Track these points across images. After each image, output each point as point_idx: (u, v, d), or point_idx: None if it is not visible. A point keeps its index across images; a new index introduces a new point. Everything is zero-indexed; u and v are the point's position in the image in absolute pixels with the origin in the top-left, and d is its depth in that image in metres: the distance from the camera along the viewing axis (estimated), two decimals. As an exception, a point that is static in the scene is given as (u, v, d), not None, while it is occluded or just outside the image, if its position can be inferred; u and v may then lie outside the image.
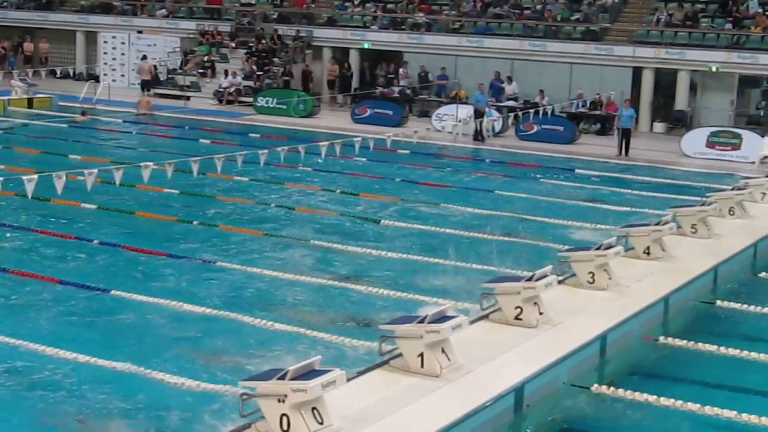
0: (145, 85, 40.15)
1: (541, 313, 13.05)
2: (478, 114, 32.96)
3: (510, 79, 37.85)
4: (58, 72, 45.89)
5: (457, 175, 27.19)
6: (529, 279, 13.04)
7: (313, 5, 44.25)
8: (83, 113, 34.31)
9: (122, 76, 43.24)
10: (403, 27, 41.39)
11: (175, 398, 11.28)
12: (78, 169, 17.64)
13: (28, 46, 47.82)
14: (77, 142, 29.17)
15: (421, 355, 11.11)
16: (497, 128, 34.64)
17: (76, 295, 15.07)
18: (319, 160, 23.96)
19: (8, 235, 18.48)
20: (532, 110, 32.51)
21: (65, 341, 12.83)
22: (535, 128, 33.59)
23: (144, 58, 41.47)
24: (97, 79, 42.13)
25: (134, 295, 14.93)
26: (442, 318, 11.28)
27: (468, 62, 39.80)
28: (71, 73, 46.16)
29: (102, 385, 11.55)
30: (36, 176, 16.12)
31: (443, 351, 11.20)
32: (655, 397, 11.51)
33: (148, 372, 11.79)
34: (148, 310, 14.44)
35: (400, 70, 40.39)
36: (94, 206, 20.45)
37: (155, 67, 41.12)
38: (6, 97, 37.37)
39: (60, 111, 36.09)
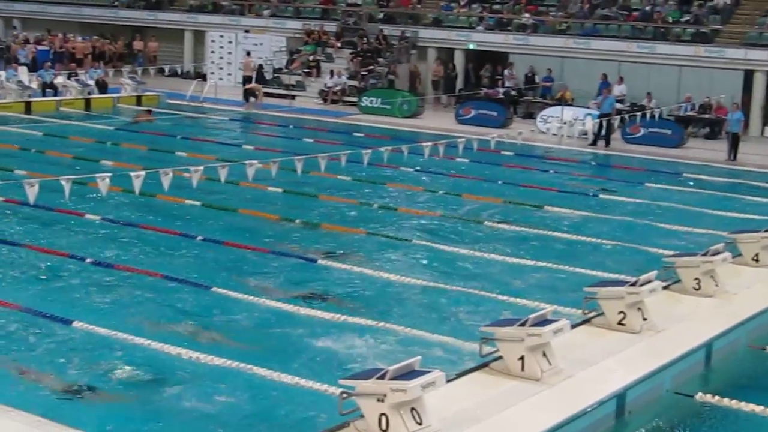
0: (248, 81, 40.48)
1: (645, 319, 12.82)
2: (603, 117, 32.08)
3: (621, 80, 37.23)
4: (167, 70, 46.63)
5: (562, 178, 26.90)
6: (633, 284, 12.82)
7: (419, 6, 44.22)
8: (149, 111, 34.79)
9: (229, 74, 43.69)
10: (509, 28, 41.11)
11: (276, 394, 11.32)
12: (184, 166, 17.86)
13: (138, 45, 48.68)
14: (185, 139, 29.56)
15: (522, 358, 10.99)
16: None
17: (180, 290, 15.25)
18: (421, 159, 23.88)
19: (115, 230, 18.78)
20: (639, 113, 31.99)
21: (169, 337, 12.99)
22: (642, 131, 33.07)
23: (248, 54, 41.83)
24: (204, 77, 42.69)
25: (235, 293, 15.04)
26: (543, 321, 11.13)
27: (574, 64, 39.40)
28: (179, 72, 46.88)
29: (204, 380, 11.66)
30: (143, 173, 16.36)
31: (544, 355, 11.06)
32: (762, 407, 11.20)
33: (248, 368, 11.84)
34: (249, 308, 14.53)
35: (506, 72, 40.14)
36: (198, 203, 20.67)
37: (261, 66, 41.44)
38: (116, 95, 38.10)
39: (168, 108, 36.66)
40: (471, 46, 41.21)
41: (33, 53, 42.43)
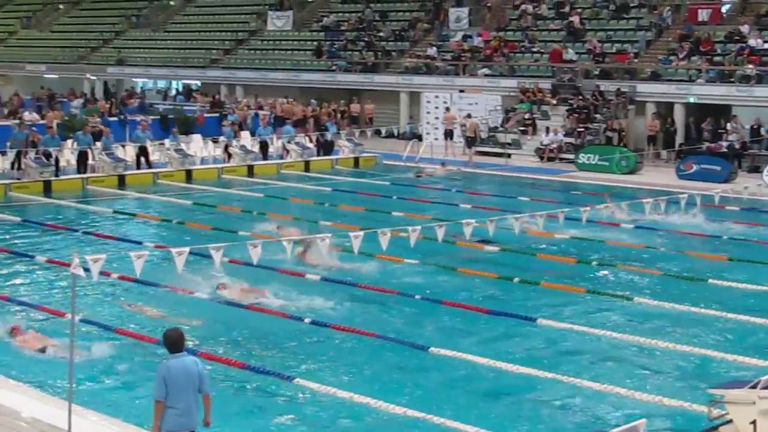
0: (471, 143, 40.55)
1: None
2: None
3: None
4: (383, 131, 47.37)
5: (791, 234, 25.73)
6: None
7: (636, 60, 43.52)
8: (421, 172, 35.52)
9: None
10: (732, 80, 39.89)
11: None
12: (402, 226, 17.95)
13: (354, 107, 49.69)
14: (401, 199, 29.81)
15: (754, 422, 10.40)
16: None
17: (396, 350, 15.24)
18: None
19: (332, 289, 19.01)
20: None
21: (389, 394, 12.98)
22: None
23: (448, 109, 42.00)
24: (420, 137, 43.11)
25: (452, 352, 14.92)
26: (777, 384, 10.56)
27: (802, 115, 37.87)
28: (395, 133, 47.56)
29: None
30: (362, 233, 16.51)
31: (779, 419, 10.46)
32: None
33: (470, 429, 11.68)
34: (466, 367, 14.38)
35: (729, 125, 38.89)
36: (416, 261, 20.72)
37: (477, 125, 41.54)
38: (334, 157, 38.92)
39: (384, 170, 37.15)
40: (691, 100, 40.16)
41: (265, 118, 43.63)
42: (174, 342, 9.97)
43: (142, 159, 34.88)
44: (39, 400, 12.64)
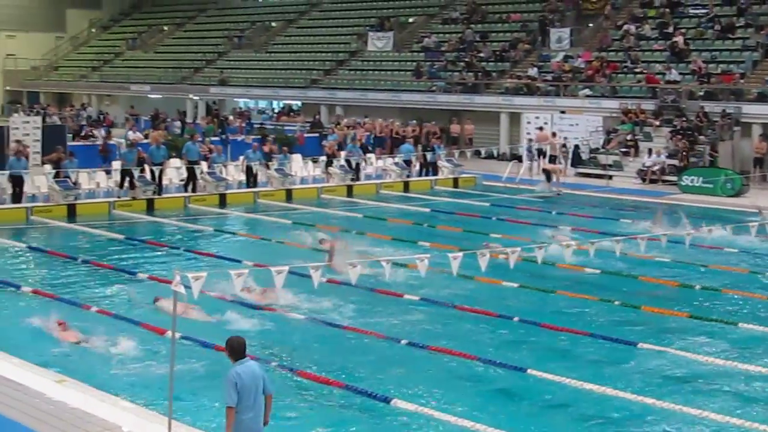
0: (552, 160, 40.23)
1: None
2: None
3: None
4: (482, 152, 47.20)
5: None
6: None
7: (742, 81, 42.71)
8: (558, 193, 35.48)
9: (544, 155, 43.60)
10: (842, 100, 38.94)
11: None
12: (501, 248, 17.80)
13: (454, 128, 49.59)
14: (500, 220, 29.62)
15: None
16: None
17: (494, 372, 15.09)
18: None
19: (429, 310, 18.91)
20: None
21: (486, 417, 12.84)
22: None
23: (541, 129, 41.67)
24: (520, 158, 42.84)
25: (551, 375, 14.73)
26: None
27: None
28: (495, 153, 47.32)
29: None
30: (461, 254, 16.40)
31: None
32: None
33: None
34: (565, 391, 14.18)
35: (840, 146, 37.98)
36: (515, 284, 20.53)
37: (564, 145, 41.13)
38: (433, 177, 38.88)
39: (484, 190, 36.98)
40: (799, 121, 39.28)
41: (361, 138, 43.77)
42: (239, 349, 10.32)
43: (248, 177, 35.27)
44: (138, 415, 12.78)
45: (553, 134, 41.38)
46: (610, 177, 39.46)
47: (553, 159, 39.86)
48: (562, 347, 16.67)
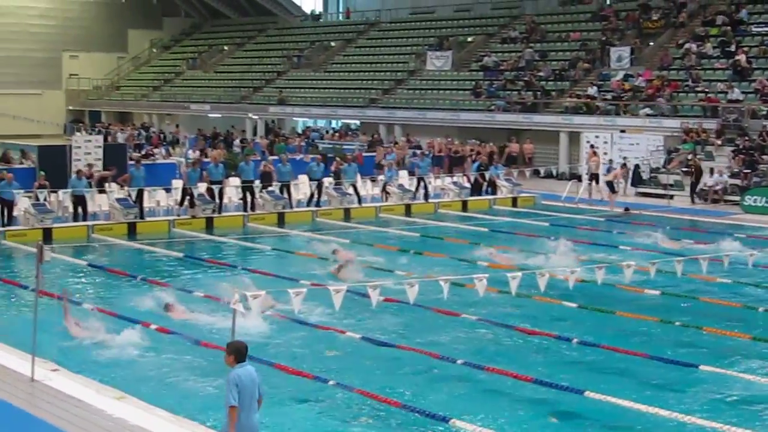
0: (593, 178, 39.94)
1: None
2: None
3: None
4: (542, 171, 46.97)
5: None
6: None
7: (806, 100, 42.22)
8: (626, 209, 35.76)
9: (605, 175, 43.21)
10: None
11: None
12: (560, 267, 17.66)
13: (513, 147, 49.42)
14: (559, 240, 29.39)
15: None
16: None
17: (551, 394, 14.97)
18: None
19: (487, 330, 18.81)
20: None
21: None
22: None
23: (592, 146, 41.40)
24: (579, 178, 42.57)
25: (610, 397, 14.57)
26: None
27: None
28: (554, 173, 47.07)
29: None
30: (520, 274, 16.30)
31: None
32: None
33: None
34: (624, 414, 14.01)
35: None
36: (574, 305, 20.36)
37: (637, 165, 40.82)
38: (492, 197, 38.75)
39: (542, 209, 36.78)
40: None
41: (421, 157, 43.79)
42: (243, 352, 11.03)
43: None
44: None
45: (594, 152, 41.07)
46: (671, 197, 39.06)
47: (594, 178, 39.63)
48: (620, 368, 16.48)
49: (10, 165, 35.68)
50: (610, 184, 38.33)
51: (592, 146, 41.96)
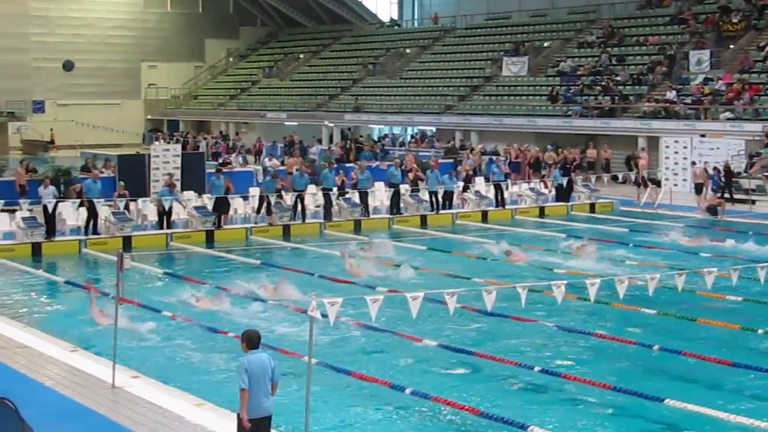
0: (698, 190, 39.30)
1: None
2: None
3: None
4: (620, 177, 46.44)
5: None
6: None
7: None
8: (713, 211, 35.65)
9: (684, 180, 42.61)
10: None
11: None
12: (639, 274, 17.42)
13: (591, 153, 48.94)
14: (637, 246, 29.03)
15: None
16: None
17: (631, 402, 14.76)
18: None
19: (565, 337, 18.64)
20: None
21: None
22: None
23: (694, 163, 40.69)
24: (658, 183, 42.00)
25: (691, 405, 14.34)
26: None
27: None
28: (632, 178, 46.49)
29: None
30: (598, 280, 16.10)
31: None
32: None
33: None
34: (706, 422, 13.78)
35: None
36: (654, 311, 20.08)
37: (706, 170, 40.18)
38: (570, 203, 38.43)
39: (620, 216, 36.38)
40: None
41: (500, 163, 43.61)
42: (255, 340, 11.63)
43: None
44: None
45: (693, 163, 40.37)
46: (754, 202, 38.39)
47: (645, 181, 39.18)
48: (702, 376, 16.22)
49: (91, 174, 36.14)
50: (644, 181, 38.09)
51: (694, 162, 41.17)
